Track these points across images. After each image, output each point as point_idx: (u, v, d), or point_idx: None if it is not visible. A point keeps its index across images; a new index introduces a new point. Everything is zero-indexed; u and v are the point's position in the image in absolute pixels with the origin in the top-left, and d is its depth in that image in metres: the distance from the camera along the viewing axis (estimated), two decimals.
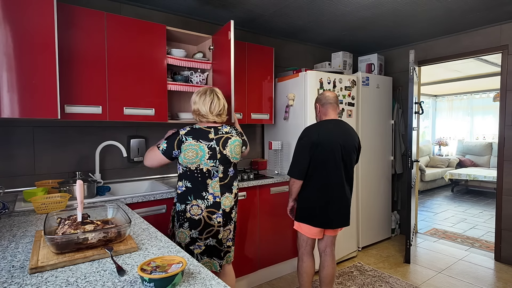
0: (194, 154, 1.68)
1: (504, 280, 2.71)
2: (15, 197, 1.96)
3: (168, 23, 2.68)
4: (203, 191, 1.72)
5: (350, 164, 2.03)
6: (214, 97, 1.77)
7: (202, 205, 1.72)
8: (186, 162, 1.70)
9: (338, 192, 1.99)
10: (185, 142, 1.68)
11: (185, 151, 1.68)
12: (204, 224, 1.73)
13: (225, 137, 1.77)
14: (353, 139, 2.04)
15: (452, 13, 2.76)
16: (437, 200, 5.89)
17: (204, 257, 1.77)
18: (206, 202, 1.72)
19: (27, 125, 2.12)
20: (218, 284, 0.87)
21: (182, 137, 1.69)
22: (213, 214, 1.74)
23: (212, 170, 1.73)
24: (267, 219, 2.64)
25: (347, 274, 2.78)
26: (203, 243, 1.75)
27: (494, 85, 6.52)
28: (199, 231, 1.73)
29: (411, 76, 2.94)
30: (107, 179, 2.42)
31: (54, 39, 1.71)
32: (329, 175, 1.96)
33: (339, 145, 1.97)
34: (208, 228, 1.74)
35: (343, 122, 2.09)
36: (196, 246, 1.74)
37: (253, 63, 2.82)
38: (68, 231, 1.09)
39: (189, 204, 1.72)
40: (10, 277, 0.91)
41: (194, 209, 1.72)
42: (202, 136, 1.71)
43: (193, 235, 1.73)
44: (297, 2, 2.50)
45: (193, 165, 1.70)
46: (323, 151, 1.94)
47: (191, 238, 1.73)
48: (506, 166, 3.02)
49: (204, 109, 1.75)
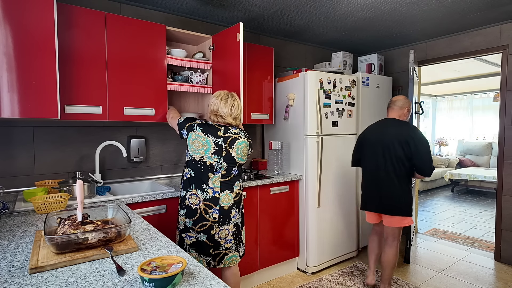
0: (200, 146, 1.77)
1: (504, 280, 2.71)
2: (15, 197, 1.96)
3: (168, 23, 2.68)
4: (204, 183, 1.78)
5: (390, 155, 2.26)
6: (235, 102, 1.89)
7: (200, 197, 1.77)
8: (192, 151, 1.79)
9: (376, 180, 2.32)
10: (194, 131, 1.78)
11: (192, 140, 1.78)
12: (199, 215, 1.77)
13: (234, 137, 1.83)
14: (394, 134, 2.27)
15: (452, 13, 2.76)
16: (437, 200, 5.89)
17: (192, 250, 1.81)
18: (205, 194, 1.77)
19: (27, 125, 2.12)
20: (218, 284, 0.87)
21: (194, 125, 1.81)
22: (210, 208, 1.78)
23: (215, 165, 1.78)
24: (267, 219, 2.64)
25: (347, 274, 2.78)
26: (194, 235, 1.79)
27: (494, 85, 6.52)
28: (193, 222, 1.78)
29: (411, 76, 2.94)
30: (107, 179, 2.42)
31: (54, 39, 1.71)
32: (370, 165, 2.36)
33: (378, 140, 2.32)
34: (202, 221, 1.78)
35: (391, 120, 2.37)
36: (188, 236, 1.80)
37: (253, 63, 2.82)
38: (68, 231, 1.09)
39: (189, 192, 1.79)
40: (10, 277, 0.91)
41: (192, 198, 1.78)
42: (211, 131, 1.79)
43: (187, 224, 1.79)
44: (297, 2, 2.50)
45: (198, 155, 1.78)
46: (366, 145, 2.41)
47: (185, 226, 1.80)
48: (506, 166, 3.02)
49: (225, 110, 1.84)
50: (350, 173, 3.09)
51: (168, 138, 2.71)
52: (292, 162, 2.95)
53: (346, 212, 3.05)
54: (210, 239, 1.78)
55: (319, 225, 2.82)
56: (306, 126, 2.78)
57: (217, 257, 1.82)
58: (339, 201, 2.99)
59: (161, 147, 2.68)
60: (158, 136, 2.66)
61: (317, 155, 2.79)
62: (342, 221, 3.02)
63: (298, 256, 2.89)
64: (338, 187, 2.98)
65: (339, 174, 2.99)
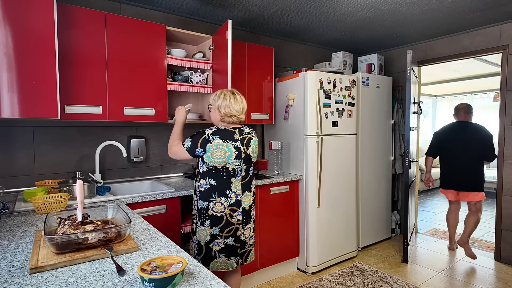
0: (222, 154, 1.72)
1: (504, 280, 2.71)
2: (15, 197, 1.96)
3: (168, 23, 2.68)
4: (227, 189, 1.76)
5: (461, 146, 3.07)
6: (240, 97, 1.85)
7: (225, 203, 1.76)
8: (213, 161, 1.72)
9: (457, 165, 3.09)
10: (212, 142, 1.71)
11: (212, 150, 1.70)
12: (225, 221, 1.76)
13: (248, 137, 1.83)
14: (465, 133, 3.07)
15: (452, 13, 2.76)
16: (437, 200, 5.89)
17: (222, 256, 1.79)
18: (229, 200, 1.76)
19: (27, 125, 2.12)
20: (218, 284, 0.87)
21: (208, 136, 1.71)
22: (234, 212, 1.78)
23: (236, 169, 1.78)
24: (267, 219, 2.63)
25: (347, 274, 2.78)
26: (222, 241, 1.77)
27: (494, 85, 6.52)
28: (220, 228, 1.76)
29: (409, 77, 2.94)
30: (107, 179, 2.42)
31: (54, 39, 1.71)
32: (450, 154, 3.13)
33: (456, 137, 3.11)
34: (229, 226, 1.77)
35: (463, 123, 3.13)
36: (216, 243, 1.77)
37: (253, 63, 2.82)
38: (68, 231, 1.09)
39: (213, 202, 1.75)
40: (10, 277, 0.91)
41: (217, 206, 1.75)
42: (228, 136, 1.75)
43: (214, 232, 1.76)
44: (297, 2, 2.50)
45: (220, 164, 1.73)
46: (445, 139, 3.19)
47: (211, 236, 1.76)
48: (506, 166, 3.02)
49: (237, 108, 1.80)
50: (350, 173, 3.09)
51: (168, 138, 2.71)
52: (292, 162, 2.95)
53: (346, 212, 3.05)
54: (237, 240, 1.80)
55: (319, 225, 2.82)
56: (306, 126, 2.78)
57: (244, 254, 1.86)
58: (339, 201, 2.99)
59: (161, 147, 2.68)
60: (158, 136, 2.66)
61: (317, 155, 2.79)
62: (342, 221, 3.02)
63: (298, 256, 2.89)
64: (338, 187, 2.98)
65: (339, 174, 2.99)
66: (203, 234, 1.76)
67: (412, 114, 3.12)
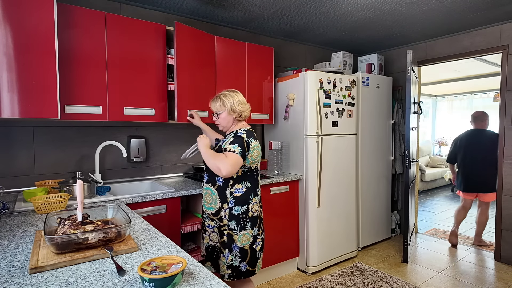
0: (257, 154, 1.77)
1: (504, 280, 2.71)
2: (15, 197, 1.96)
3: (168, 23, 2.68)
4: (257, 187, 1.82)
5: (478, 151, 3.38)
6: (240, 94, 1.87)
7: (258, 201, 1.81)
8: (252, 163, 1.75)
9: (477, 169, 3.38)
10: (251, 144, 1.74)
11: (252, 152, 1.73)
12: (260, 218, 1.80)
13: None
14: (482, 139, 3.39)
15: (452, 13, 2.76)
16: (437, 200, 5.89)
17: (261, 253, 1.81)
18: (259, 197, 1.83)
19: (27, 125, 2.12)
20: (218, 284, 0.88)
21: (247, 140, 1.72)
22: (261, 207, 1.85)
23: (258, 167, 1.84)
24: (267, 219, 2.63)
25: (347, 274, 2.78)
26: (261, 239, 1.80)
27: (494, 85, 6.52)
28: (258, 227, 1.79)
29: (409, 77, 2.94)
30: (107, 179, 2.42)
31: (54, 39, 1.71)
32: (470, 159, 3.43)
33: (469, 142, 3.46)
34: (261, 222, 1.83)
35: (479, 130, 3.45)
36: (257, 243, 1.78)
37: (253, 63, 2.82)
38: (68, 231, 1.09)
39: (251, 204, 1.76)
40: (10, 277, 0.91)
41: (254, 206, 1.78)
42: (255, 135, 1.81)
43: (254, 233, 1.77)
44: (297, 2, 2.50)
45: (255, 163, 1.78)
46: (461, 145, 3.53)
47: (253, 237, 1.76)
48: (506, 166, 3.02)
49: (248, 106, 1.85)
50: (350, 173, 3.09)
51: (168, 138, 2.72)
52: (292, 162, 2.95)
53: (346, 212, 3.05)
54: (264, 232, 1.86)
55: (319, 225, 2.82)
56: (306, 126, 2.78)
57: None
58: (339, 201, 2.99)
59: (161, 147, 2.68)
60: (158, 136, 2.66)
61: (317, 155, 2.79)
62: (342, 221, 3.02)
63: (298, 256, 2.89)
64: (338, 187, 2.98)
65: (339, 174, 2.99)
66: (246, 238, 1.73)
67: (412, 114, 3.12)
